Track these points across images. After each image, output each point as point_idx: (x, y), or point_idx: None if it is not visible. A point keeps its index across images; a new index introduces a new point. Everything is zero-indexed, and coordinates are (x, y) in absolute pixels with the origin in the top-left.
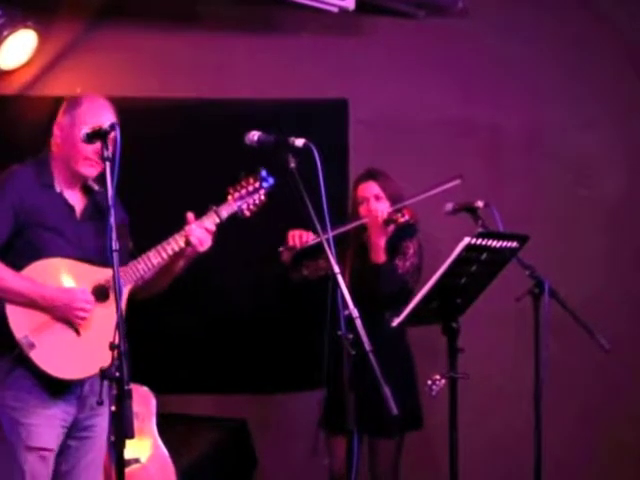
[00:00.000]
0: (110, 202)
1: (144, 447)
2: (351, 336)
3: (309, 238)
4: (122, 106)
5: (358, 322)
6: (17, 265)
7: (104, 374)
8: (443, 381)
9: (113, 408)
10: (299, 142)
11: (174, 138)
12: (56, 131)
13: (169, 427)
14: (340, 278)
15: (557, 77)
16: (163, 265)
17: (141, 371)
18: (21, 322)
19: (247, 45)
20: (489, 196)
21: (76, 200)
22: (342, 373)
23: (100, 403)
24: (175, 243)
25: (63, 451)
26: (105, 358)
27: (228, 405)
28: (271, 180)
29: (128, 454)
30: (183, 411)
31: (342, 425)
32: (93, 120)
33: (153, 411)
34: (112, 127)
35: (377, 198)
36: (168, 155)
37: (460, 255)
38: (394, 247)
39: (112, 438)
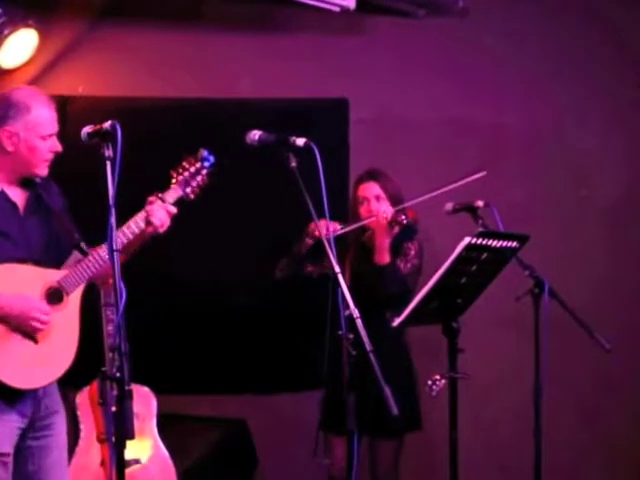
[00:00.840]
0: (111, 202)
1: (144, 448)
2: (352, 336)
3: (336, 229)
4: (123, 105)
5: (359, 322)
6: None
7: (104, 375)
8: (443, 381)
9: (114, 408)
10: (300, 141)
11: (175, 138)
12: (5, 137)
13: (169, 427)
14: (341, 278)
15: (558, 77)
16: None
17: (141, 371)
18: None
19: (248, 44)
20: (489, 196)
21: (17, 196)
22: (341, 373)
23: (102, 404)
24: (136, 225)
25: (24, 452)
26: (65, 362)
27: (228, 406)
28: (212, 159)
29: (128, 455)
30: (183, 411)
31: (341, 426)
32: (48, 127)
33: (153, 412)
34: (113, 127)
35: (378, 198)
36: (169, 155)
37: (460, 255)
38: (395, 248)
39: (113, 439)
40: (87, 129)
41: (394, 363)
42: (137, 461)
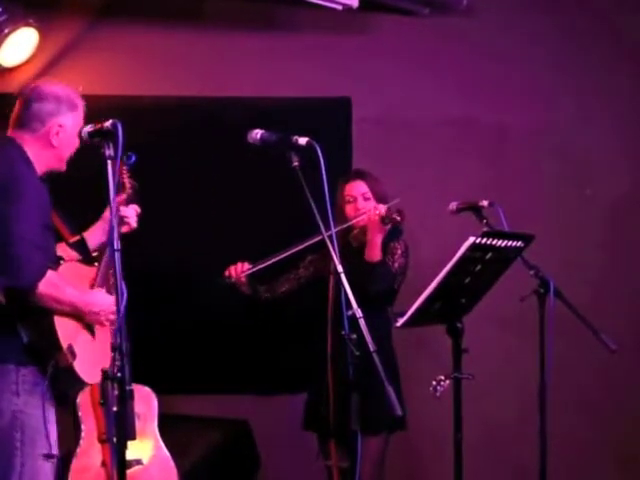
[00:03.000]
0: (111, 201)
1: (146, 448)
2: (354, 336)
3: (244, 268)
4: (125, 104)
5: (362, 322)
6: None
7: (106, 375)
8: (447, 382)
9: (115, 409)
10: (302, 140)
11: (177, 136)
12: (55, 132)
13: (171, 428)
14: (344, 278)
15: (562, 76)
16: None
17: (143, 372)
18: (65, 332)
19: (250, 43)
20: (493, 195)
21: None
22: (328, 374)
23: (103, 404)
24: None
25: None
26: (109, 356)
27: (230, 406)
28: (127, 165)
29: (130, 455)
30: (185, 412)
31: (327, 428)
32: (82, 126)
33: (155, 412)
34: (114, 126)
35: (365, 198)
36: (171, 153)
37: (465, 254)
38: (382, 247)
39: (114, 439)
40: (88, 128)
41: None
42: (138, 462)
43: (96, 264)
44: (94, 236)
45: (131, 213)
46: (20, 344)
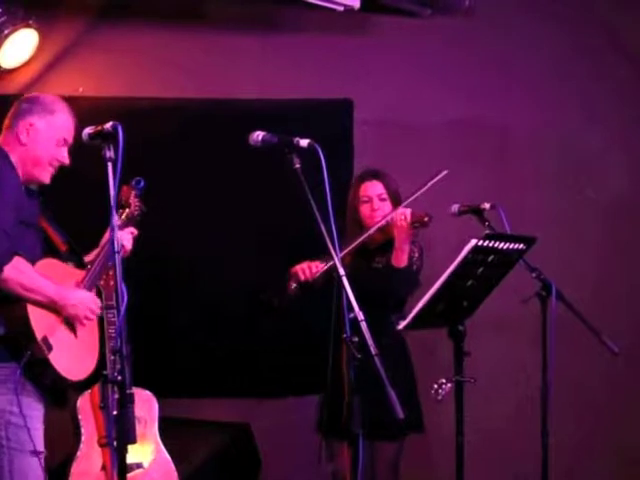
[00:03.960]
0: (112, 203)
1: (146, 452)
2: (356, 339)
3: (319, 267)
4: (125, 106)
5: (363, 325)
6: None
7: (106, 378)
8: (449, 385)
9: (115, 412)
10: (304, 142)
11: (177, 139)
12: (24, 128)
13: (172, 432)
14: (345, 280)
15: (565, 78)
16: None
17: (143, 375)
18: (39, 323)
19: (251, 44)
20: (495, 197)
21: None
22: (342, 377)
23: (103, 407)
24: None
25: None
26: (93, 358)
27: (231, 409)
28: (139, 191)
29: (130, 459)
30: (186, 415)
31: (342, 430)
32: (67, 133)
33: (155, 416)
34: (115, 128)
35: (381, 199)
36: (171, 156)
37: (467, 257)
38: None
39: (115, 443)
40: (88, 130)
41: (395, 364)
42: (139, 465)
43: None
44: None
45: (126, 237)
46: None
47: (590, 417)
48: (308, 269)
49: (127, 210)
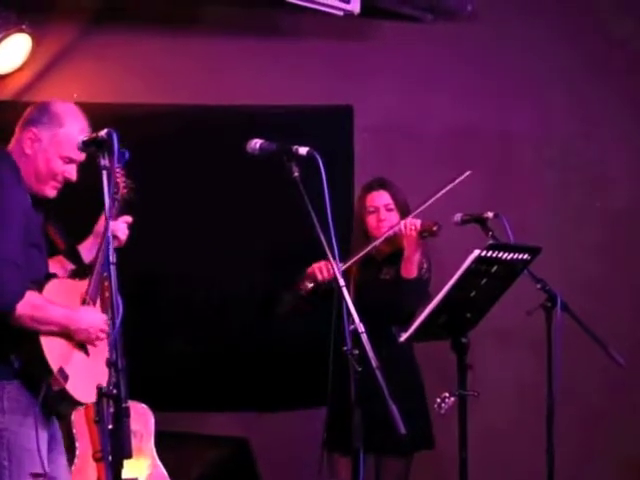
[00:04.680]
0: (107, 214)
1: (142, 467)
2: (357, 352)
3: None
4: (119, 113)
5: (364, 337)
6: None
7: (101, 391)
8: (452, 399)
9: (110, 426)
10: (302, 150)
11: (173, 146)
12: (27, 138)
13: (168, 446)
14: (345, 292)
15: (568, 84)
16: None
17: (139, 388)
18: (54, 353)
19: (249, 50)
20: (498, 206)
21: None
22: (346, 390)
23: (98, 421)
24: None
25: None
26: (106, 372)
27: (229, 423)
28: (120, 162)
29: (126, 474)
30: (183, 429)
31: (346, 445)
32: (72, 151)
33: (151, 430)
34: (109, 135)
35: (388, 209)
36: (167, 163)
37: (470, 268)
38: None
39: (110, 457)
40: (82, 137)
41: (405, 378)
42: None
43: (88, 278)
44: (87, 251)
45: (121, 227)
46: (9, 368)
47: (596, 430)
48: (326, 269)
49: (117, 193)
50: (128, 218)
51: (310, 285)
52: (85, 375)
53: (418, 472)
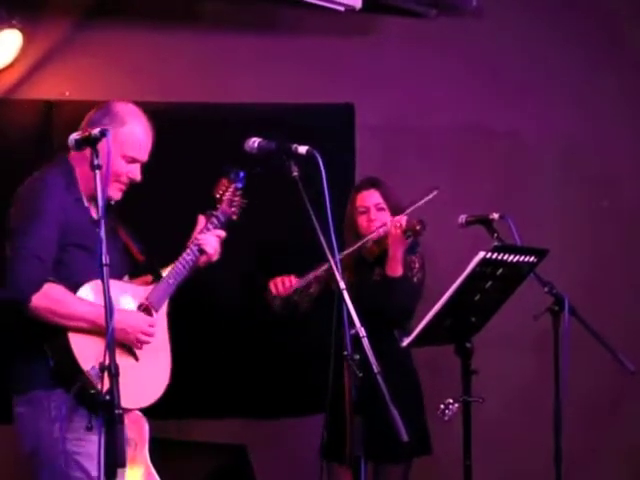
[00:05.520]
0: (100, 213)
1: (136, 476)
2: (357, 357)
3: (292, 282)
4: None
5: (365, 342)
6: None
7: (94, 398)
8: (456, 405)
9: (103, 434)
10: (302, 149)
11: (170, 145)
12: None
13: (163, 454)
14: (346, 295)
15: (576, 79)
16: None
17: None
18: (86, 352)
19: (247, 46)
20: (504, 207)
21: (95, 214)
22: (344, 397)
23: (90, 429)
24: (193, 254)
25: None
26: (163, 382)
27: (226, 430)
28: (243, 180)
29: None
30: (178, 437)
31: (342, 453)
32: (135, 150)
33: (146, 437)
34: (102, 134)
35: (378, 208)
36: (162, 163)
37: (475, 270)
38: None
39: (103, 466)
40: (75, 136)
41: (401, 383)
42: None
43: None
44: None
45: (211, 241)
46: (46, 368)
47: (605, 437)
48: (281, 284)
49: (219, 208)
50: (221, 233)
51: (277, 302)
52: (130, 380)
53: (417, 478)
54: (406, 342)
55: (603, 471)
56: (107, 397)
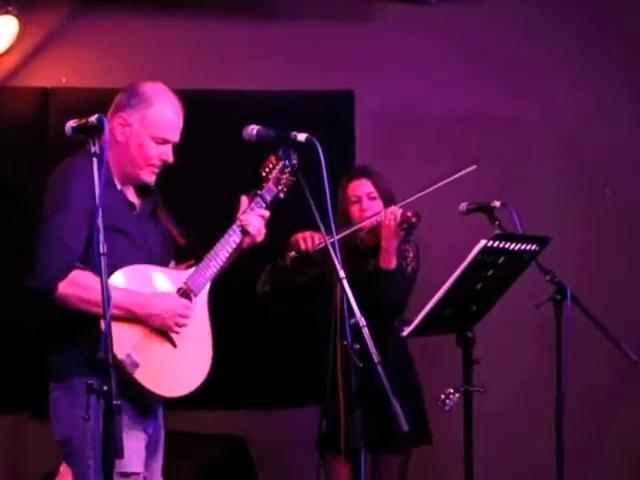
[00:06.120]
0: (97, 202)
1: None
2: (358, 346)
3: (321, 240)
4: (111, 98)
5: (365, 331)
6: None
7: (90, 388)
8: (457, 395)
9: (101, 424)
10: (301, 137)
11: None
12: (118, 124)
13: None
14: (346, 284)
15: (579, 70)
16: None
17: None
18: (121, 339)
19: (246, 32)
20: (506, 194)
21: (133, 198)
22: (339, 388)
23: (87, 419)
24: (235, 235)
25: None
26: (203, 368)
27: (225, 422)
28: (290, 160)
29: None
30: (176, 428)
31: (337, 444)
32: (165, 131)
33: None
34: (100, 121)
35: (370, 197)
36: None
37: (476, 259)
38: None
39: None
40: (72, 123)
41: (398, 373)
42: None
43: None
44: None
45: (254, 221)
46: (82, 356)
47: (608, 428)
48: (310, 239)
49: (265, 187)
50: (265, 212)
51: (292, 254)
52: (167, 366)
53: (417, 469)
54: (407, 331)
55: (605, 462)
56: (105, 387)
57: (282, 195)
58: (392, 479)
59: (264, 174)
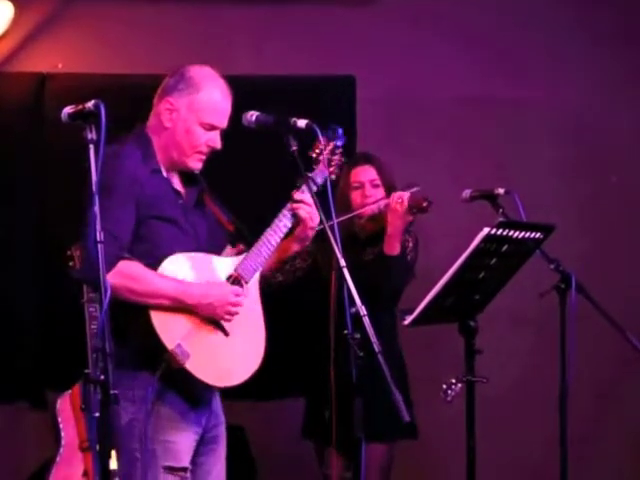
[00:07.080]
0: (94, 189)
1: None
2: (358, 336)
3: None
4: (110, 84)
5: (366, 320)
6: None
7: (87, 378)
8: (459, 385)
9: (97, 414)
10: (301, 123)
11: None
12: (165, 109)
13: None
14: (347, 272)
15: (586, 55)
16: (279, 246)
17: None
18: (171, 330)
19: (246, 17)
20: (509, 181)
21: (178, 186)
22: (331, 378)
23: (84, 409)
24: (286, 219)
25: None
26: (257, 357)
27: (225, 412)
28: (340, 140)
29: (114, 465)
30: None
31: (328, 436)
32: (213, 116)
33: None
34: (97, 107)
35: (373, 185)
36: None
37: (479, 247)
38: None
39: (97, 447)
40: (68, 109)
41: (390, 364)
42: None
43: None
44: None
45: (305, 205)
46: (134, 348)
47: (612, 418)
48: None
49: (315, 169)
50: (307, 197)
51: None
52: (220, 356)
53: (417, 458)
54: (408, 320)
55: (608, 451)
56: (102, 377)
57: (333, 176)
58: (378, 469)
59: (314, 155)
